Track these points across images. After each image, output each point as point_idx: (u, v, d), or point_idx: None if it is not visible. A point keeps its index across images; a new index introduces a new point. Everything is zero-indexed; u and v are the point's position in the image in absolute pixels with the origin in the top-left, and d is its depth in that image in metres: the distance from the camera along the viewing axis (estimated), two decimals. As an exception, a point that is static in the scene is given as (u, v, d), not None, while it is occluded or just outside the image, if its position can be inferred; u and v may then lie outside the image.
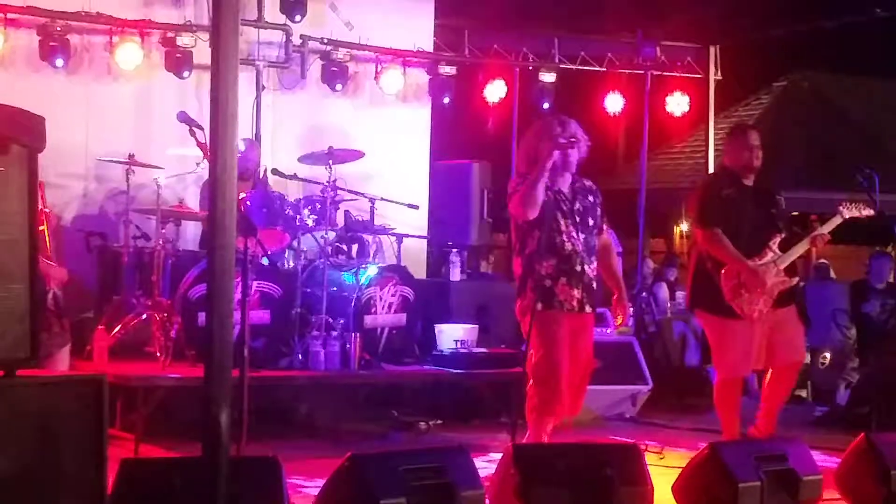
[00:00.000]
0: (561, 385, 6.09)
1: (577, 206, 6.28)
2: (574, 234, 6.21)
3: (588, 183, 6.43)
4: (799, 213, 13.38)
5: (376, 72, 10.25)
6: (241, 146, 8.25)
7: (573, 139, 6.17)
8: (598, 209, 6.39)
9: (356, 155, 8.78)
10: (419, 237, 9.91)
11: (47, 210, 6.56)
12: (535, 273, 6.13)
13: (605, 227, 6.45)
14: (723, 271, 6.82)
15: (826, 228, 7.02)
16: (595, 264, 6.30)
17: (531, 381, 6.14)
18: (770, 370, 7.04)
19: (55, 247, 6.63)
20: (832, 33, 13.31)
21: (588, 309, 6.26)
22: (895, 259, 10.86)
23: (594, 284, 6.29)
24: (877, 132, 18.50)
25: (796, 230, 7.23)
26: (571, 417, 6.70)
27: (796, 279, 6.99)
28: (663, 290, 12.28)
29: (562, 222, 6.19)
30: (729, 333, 6.86)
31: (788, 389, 7.16)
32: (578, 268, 6.19)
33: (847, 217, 7.05)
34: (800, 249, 6.96)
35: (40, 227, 6.40)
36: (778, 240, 6.88)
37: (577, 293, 6.18)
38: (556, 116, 6.42)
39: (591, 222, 6.30)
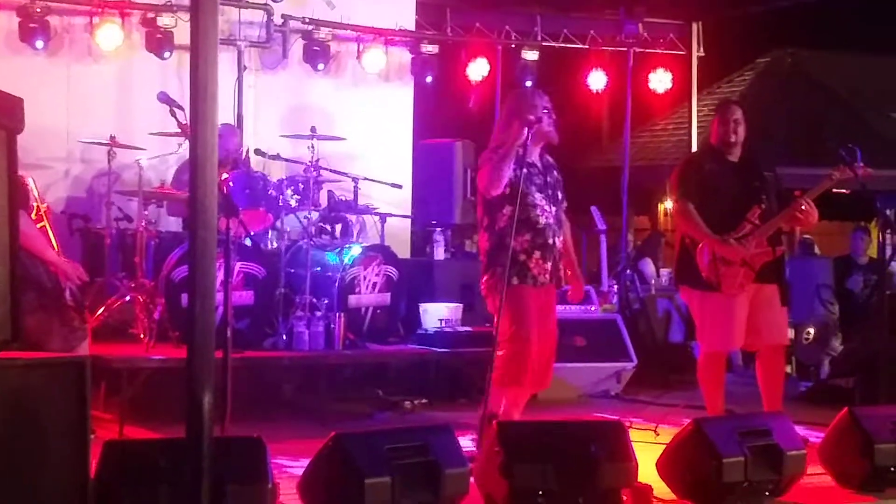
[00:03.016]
0: (530, 358, 6.12)
1: (549, 179, 6.33)
2: (547, 207, 6.25)
3: (550, 159, 6.47)
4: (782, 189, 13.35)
5: (358, 51, 10.22)
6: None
7: (545, 111, 6.17)
8: (561, 184, 6.45)
9: (337, 138, 8.80)
10: (403, 216, 9.90)
11: (44, 206, 6.51)
12: (506, 248, 6.04)
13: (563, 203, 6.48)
14: (699, 246, 6.80)
15: (813, 194, 6.78)
16: (561, 237, 6.36)
17: (500, 353, 6.09)
18: (756, 353, 7.04)
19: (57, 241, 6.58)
20: (814, 8, 13.30)
21: (553, 282, 6.32)
22: (874, 235, 10.89)
23: (558, 257, 6.34)
24: (859, 107, 18.48)
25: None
26: (542, 391, 6.75)
27: (781, 249, 6.88)
28: (649, 266, 12.28)
29: (537, 196, 6.22)
30: (709, 307, 6.82)
31: (778, 371, 6.98)
32: (551, 241, 6.25)
33: (836, 179, 6.79)
34: (780, 219, 6.82)
35: (42, 224, 6.38)
36: (758, 212, 6.76)
37: (549, 266, 6.25)
38: (535, 89, 6.44)
39: (559, 196, 6.37)
